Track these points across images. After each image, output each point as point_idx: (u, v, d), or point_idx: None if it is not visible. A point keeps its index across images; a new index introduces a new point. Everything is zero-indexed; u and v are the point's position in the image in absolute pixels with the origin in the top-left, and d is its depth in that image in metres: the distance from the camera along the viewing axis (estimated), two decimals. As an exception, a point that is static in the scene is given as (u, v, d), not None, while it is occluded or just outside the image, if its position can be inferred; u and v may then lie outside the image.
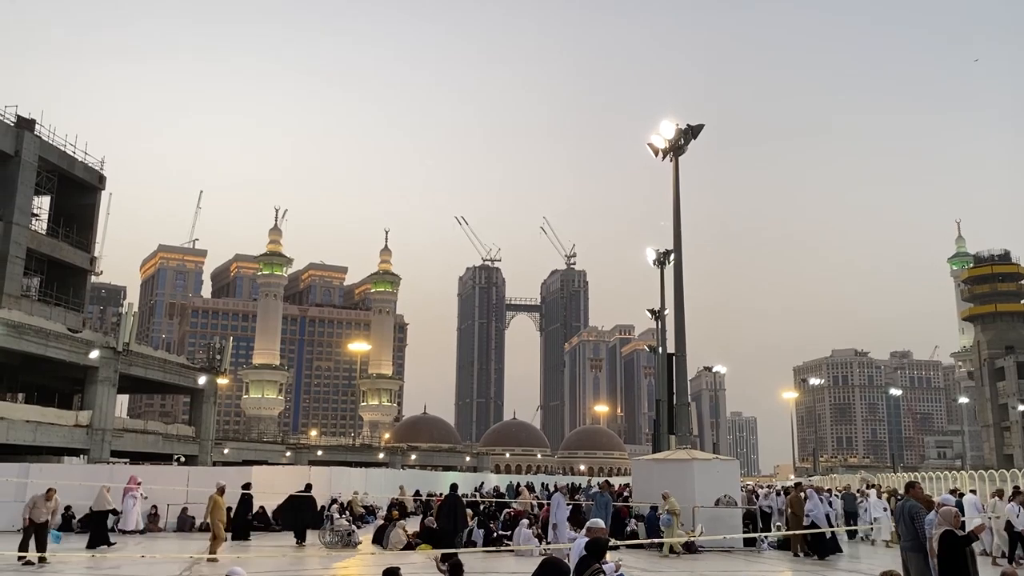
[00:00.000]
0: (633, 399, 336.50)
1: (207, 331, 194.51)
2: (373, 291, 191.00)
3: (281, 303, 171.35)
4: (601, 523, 10.60)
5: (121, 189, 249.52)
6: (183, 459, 55.75)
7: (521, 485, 43.64)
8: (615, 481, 43.26)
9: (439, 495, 34.63)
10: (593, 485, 37.45)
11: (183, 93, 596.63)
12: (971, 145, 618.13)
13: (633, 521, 23.69)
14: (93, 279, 57.31)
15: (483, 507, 29.44)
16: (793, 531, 20.83)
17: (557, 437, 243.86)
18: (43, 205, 51.43)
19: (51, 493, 16.93)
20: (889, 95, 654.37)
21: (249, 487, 23.43)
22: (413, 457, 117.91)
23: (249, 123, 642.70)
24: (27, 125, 47.56)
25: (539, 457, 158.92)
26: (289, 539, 23.38)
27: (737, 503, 23.40)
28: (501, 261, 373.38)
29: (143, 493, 25.01)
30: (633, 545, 20.69)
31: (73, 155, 51.45)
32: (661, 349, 39.64)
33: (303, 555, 21.00)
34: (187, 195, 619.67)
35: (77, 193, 52.45)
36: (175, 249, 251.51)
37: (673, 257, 29.33)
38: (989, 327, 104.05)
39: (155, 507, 25.98)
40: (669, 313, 35.96)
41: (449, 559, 10.26)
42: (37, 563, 16.61)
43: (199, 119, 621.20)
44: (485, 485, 50.09)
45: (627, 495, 28.98)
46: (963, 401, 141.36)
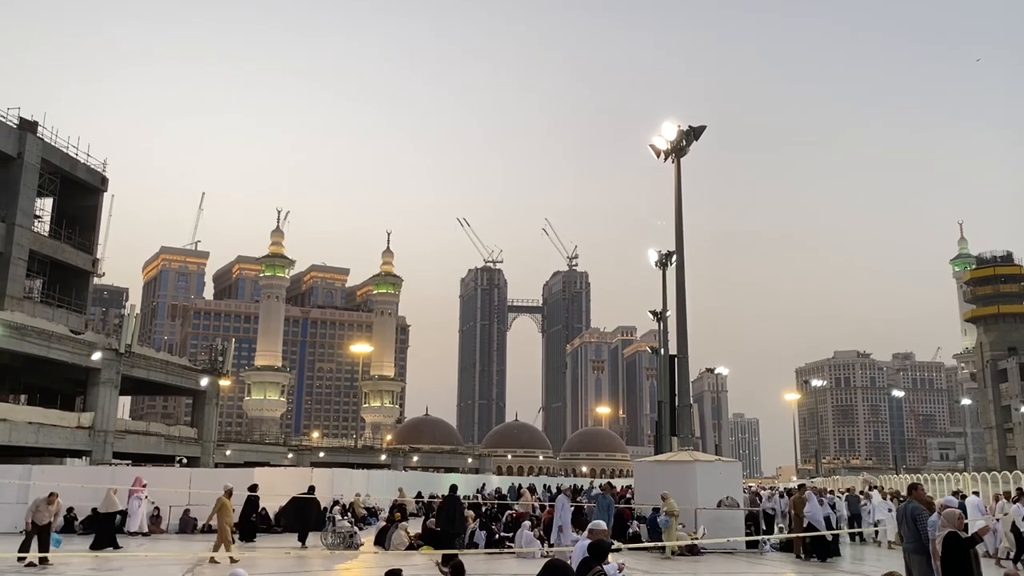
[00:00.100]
0: (635, 401, 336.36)
1: (209, 333, 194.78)
2: (375, 293, 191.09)
3: (283, 305, 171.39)
4: (603, 525, 10.59)
5: (123, 191, 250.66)
6: (185, 461, 55.75)
7: (523, 487, 43.62)
8: (617, 483, 43.25)
9: (441, 497, 34.54)
10: (595, 487, 37.39)
11: (185, 95, 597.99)
12: (973, 146, 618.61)
13: (635, 523, 23.68)
14: (95, 281, 57.36)
15: (485, 509, 29.42)
16: (793, 533, 20.80)
17: (559, 439, 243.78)
18: (45, 207, 51.49)
19: (53, 497, 16.95)
20: (890, 97, 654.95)
21: (256, 488, 23.47)
22: (415, 459, 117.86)
23: (251, 125, 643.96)
24: (30, 127, 47.59)
25: (541, 459, 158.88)
26: (292, 540, 23.40)
27: (739, 505, 23.37)
28: (503, 263, 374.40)
29: (147, 495, 25.05)
30: (635, 547, 20.66)
31: (75, 157, 51.48)
32: (663, 350, 39.60)
33: (305, 557, 21.00)
34: (189, 197, 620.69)
35: (79, 195, 52.50)
36: (177, 251, 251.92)
37: (675, 258, 29.31)
38: (992, 328, 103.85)
39: (157, 508, 26.02)
40: (671, 314, 35.99)
41: (450, 561, 10.26)
42: (39, 565, 16.61)
43: (201, 121, 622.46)
44: (487, 487, 50.03)
45: (629, 497, 28.96)
46: (966, 403, 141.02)
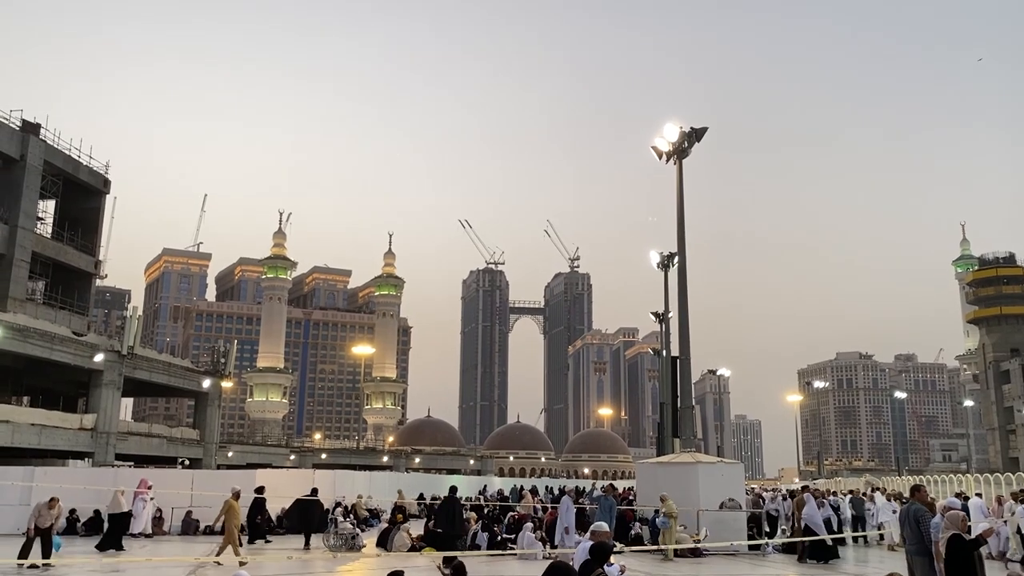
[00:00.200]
0: (637, 402, 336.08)
1: (211, 334, 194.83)
2: (377, 294, 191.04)
3: (285, 306, 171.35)
4: (605, 527, 10.57)
5: (126, 193, 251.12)
6: (187, 462, 55.79)
7: (525, 489, 43.60)
8: (619, 484, 43.20)
9: (441, 498, 34.47)
10: (597, 488, 37.37)
11: (186, 95, 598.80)
12: (975, 147, 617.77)
13: (637, 524, 23.66)
14: (98, 283, 57.47)
15: (487, 510, 29.41)
16: (794, 535, 20.77)
17: (561, 440, 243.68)
18: (48, 209, 51.53)
19: (54, 502, 17.02)
20: (891, 97, 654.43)
21: (262, 491, 23.50)
22: (417, 460, 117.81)
23: (253, 127, 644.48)
24: (32, 129, 47.67)
25: (543, 460, 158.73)
26: (295, 542, 23.45)
27: (741, 506, 23.34)
28: (505, 264, 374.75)
29: (152, 496, 25.17)
30: (637, 549, 20.65)
31: (78, 159, 51.55)
32: (665, 352, 39.61)
33: (308, 558, 21.03)
34: (191, 199, 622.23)
35: (82, 197, 52.57)
36: (179, 252, 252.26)
37: (677, 260, 29.30)
38: (994, 330, 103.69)
39: (160, 510, 26.08)
40: (673, 316, 36.02)
41: (451, 562, 10.25)
42: (41, 567, 16.68)
43: (202, 121, 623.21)
44: (488, 488, 49.94)
45: (631, 498, 28.94)
46: (968, 404, 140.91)
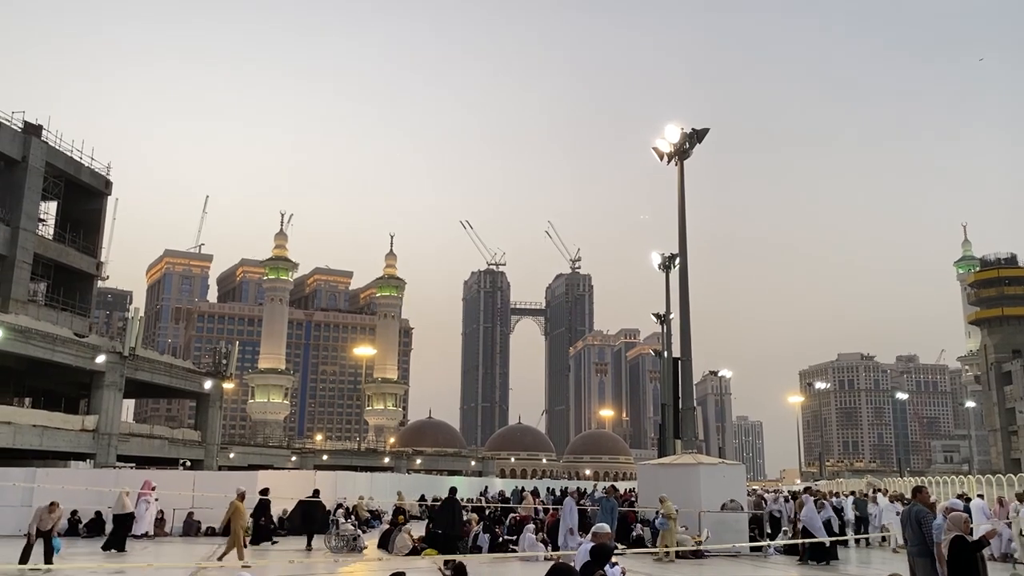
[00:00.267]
0: (638, 403, 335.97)
1: (213, 336, 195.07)
2: (378, 295, 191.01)
3: (287, 308, 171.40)
4: (607, 528, 10.57)
5: (127, 194, 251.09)
6: (189, 463, 55.77)
7: (526, 490, 43.52)
8: (620, 486, 43.17)
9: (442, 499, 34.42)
10: (599, 490, 37.36)
11: (186, 95, 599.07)
12: (977, 148, 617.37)
13: (639, 526, 23.65)
14: (99, 284, 57.48)
15: (489, 512, 29.40)
16: (796, 536, 20.75)
17: (562, 441, 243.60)
18: (50, 210, 51.58)
19: (54, 506, 17.10)
20: (893, 98, 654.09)
21: (267, 492, 23.52)
22: (418, 462, 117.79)
23: (255, 128, 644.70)
24: (34, 131, 47.72)
25: (544, 462, 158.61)
26: (298, 543, 23.50)
27: (743, 508, 23.33)
28: (506, 265, 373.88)
29: (157, 497, 25.28)
30: (638, 552, 20.64)
31: (80, 160, 51.57)
32: (667, 353, 39.65)
33: (310, 560, 21.04)
34: (193, 200, 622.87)
35: (84, 198, 52.62)
36: (181, 254, 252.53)
37: (678, 261, 29.31)
38: (996, 331, 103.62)
39: (161, 511, 26.10)
40: (675, 317, 36.01)
41: (452, 563, 10.24)
42: (43, 571, 16.74)
43: (204, 123, 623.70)
44: (490, 489, 49.90)
45: (633, 500, 28.93)
46: (970, 405, 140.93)
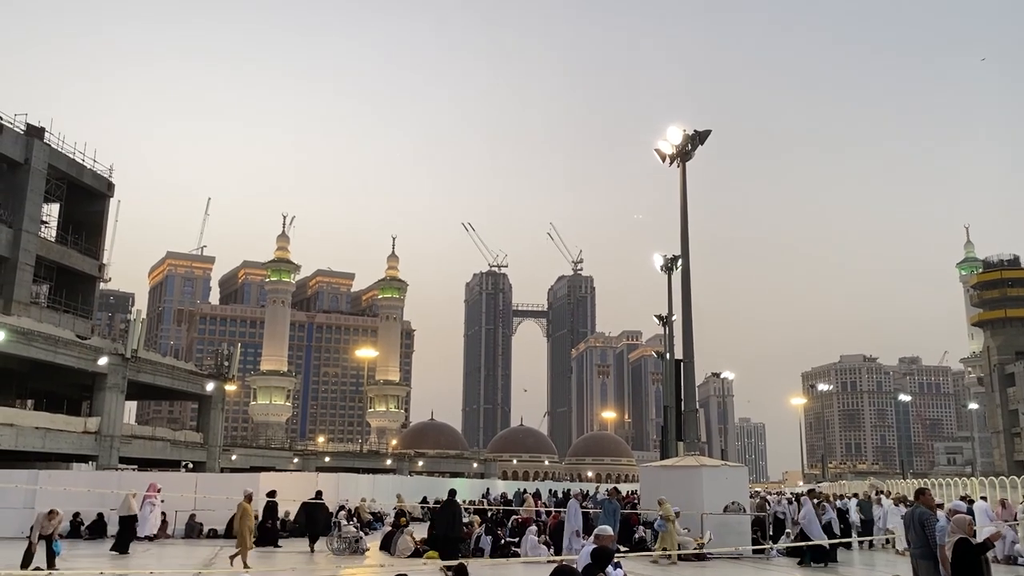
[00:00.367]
0: (641, 405, 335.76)
1: (215, 337, 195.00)
2: (380, 297, 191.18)
3: (289, 309, 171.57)
4: (609, 530, 10.54)
5: (130, 196, 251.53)
6: (191, 465, 55.78)
7: (527, 493, 43.45)
8: (623, 488, 43.16)
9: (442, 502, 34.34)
10: (601, 492, 37.30)
11: (190, 98, 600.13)
12: (979, 148, 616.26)
13: (641, 528, 23.60)
14: (102, 286, 57.60)
15: (491, 514, 29.36)
16: (797, 538, 20.72)
17: (564, 443, 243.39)
18: (52, 212, 51.63)
19: (53, 514, 17.13)
20: (895, 99, 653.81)
21: (274, 494, 23.52)
22: (420, 463, 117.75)
23: (256, 130, 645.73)
24: (36, 133, 47.79)
25: (546, 464, 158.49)
26: (301, 545, 23.51)
27: (745, 510, 23.29)
28: (508, 267, 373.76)
29: (163, 499, 25.37)
30: (640, 555, 20.60)
31: (82, 163, 51.63)
32: (669, 355, 39.60)
33: (312, 562, 21.02)
34: (194, 200, 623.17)
35: (86, 200, 52.67)
36: (183, 256, 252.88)
37: (681, 263, 29.27)
38: (999, 332, 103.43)
39: (164, 513, 26.10)
40: (677, 319, 35.93)
41: (454, 566, 10.22)
42: (46, 575, 16.79)
43: (206, 124, 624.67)
44: (492, 491, 49.91)
45: (635, 502, 28.88)
46: (973, 407, 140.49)
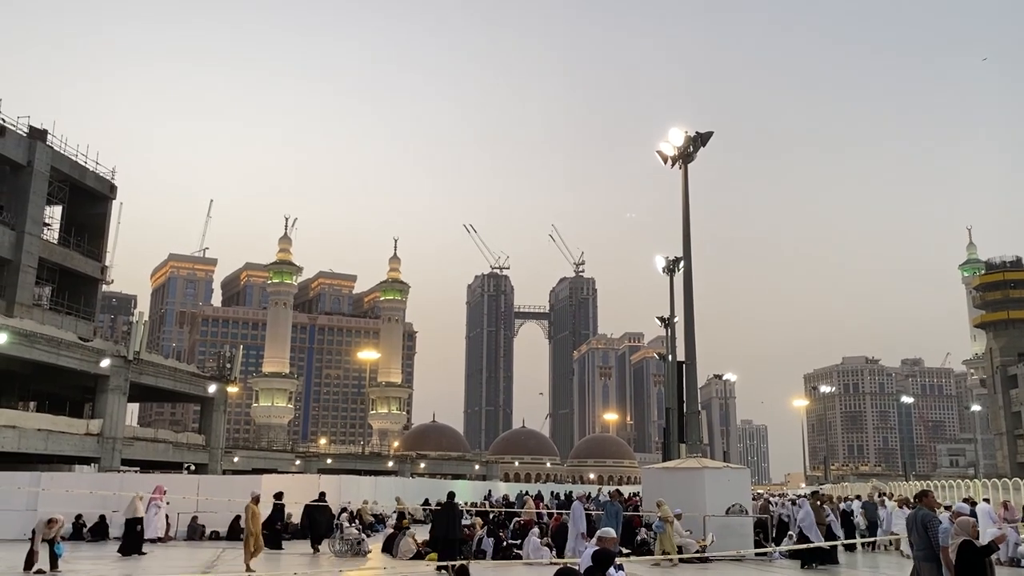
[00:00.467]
0: (643, 407, 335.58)
1: (217, 339, 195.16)
2: (382, 299, 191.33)
3: (291, 311, 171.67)
4: (612, 532, 10.55)
5: (132, 198, 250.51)
6: (193, 468, 55.81)
7: (528, 494, 43.40)
8: (625, 490, 43.12)
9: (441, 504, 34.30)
10: (603, 494, 37.26)
11: (190, 98, 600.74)
12: (981, 149, 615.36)
13: (644, 530, 23.56)
14: (104, 288, 57.56)
15: (493, 516, 29.34)
16: (796, 541, 20.69)
17: (566, 445, 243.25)
18: (55, 215, 51.70)
19: (53, 523, 17.20)
20: (897, 100, 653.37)
21: (281, 496, 23.56)
22: (422, 465, 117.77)
23: (258, 132, 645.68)
24: (39, 135, 47.87)
25: (548, 466, 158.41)
26: (304, 547, 23.51)
27: (748, 512, 23.25)
28: (509, 269, 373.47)
29: (168, 502, 25.44)
30: (640, 558, 20.58)
31: (84, 165, 51.71)
32: (671, 357, 39.59)
33: (314, 564, 21.01)
34: (195, 201, 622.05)
35: (88, 202, 52.73)
36: (185, 258, 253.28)
37: (683, 264, 29.26)
38: (1001, 334, 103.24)
39: (166, 515, 26.10)
40: (679, 320, 35.91)
41: (454, 568, 10.22)
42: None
43: (208, 126, 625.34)
44: (494, 493, 49.91)
45: (638, 504, 28.85)
46: (975, 409, 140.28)
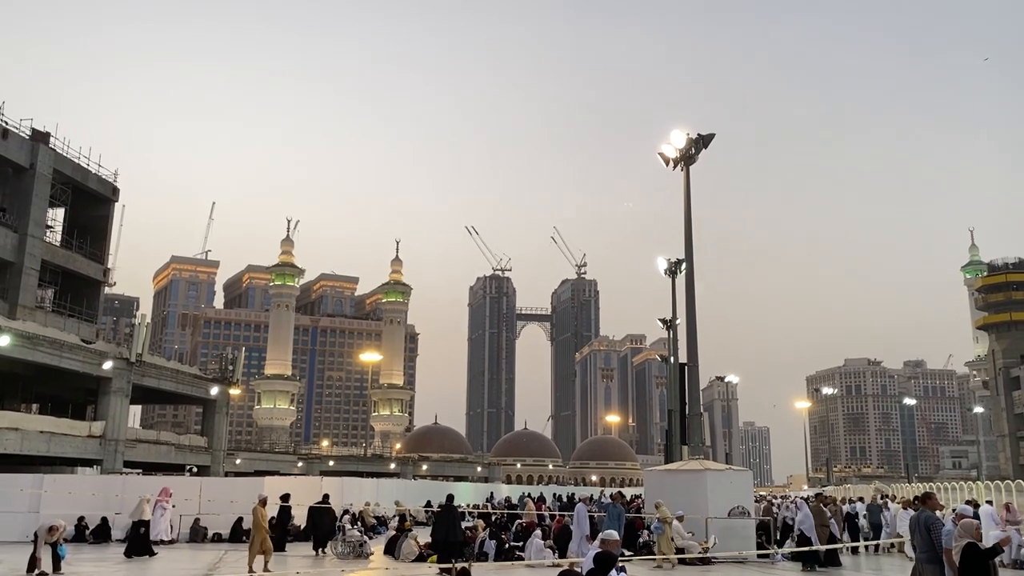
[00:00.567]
0: (645, 409, 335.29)
1: (219, 342, 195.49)
2: (384, 301, 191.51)
3: (293, 313, 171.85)
4: (615, 535, 10.49)
5: (134, 200, 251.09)
6: (195, 469, 55.86)
7: (529, 495, 43.37)
8: (627, 492, 42.96)
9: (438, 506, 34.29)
10: (605, 496, 37.25)
11: (191, 99, 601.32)
12: (983, 150, 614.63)
13: (646, 532, 23.54)
14: (106, 290, 57.65)
15: (495, 518, 29.33)
16: (797, 543, 20.70)
17: (568, 447, 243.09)
18: (57, 217, 51.82)
19: (54, 530, 17.23)
20: (898, 101, 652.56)
21: (288, 498, 23.59)
22: (424, 467, 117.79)
23: (261, 134, 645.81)
24: (42, 138, 47.98)
25: (550, 468, 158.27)
26: (305, 549, 23.53)
27: (750, 514, 23.22)
28: (511, 271, 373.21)
29: (174, 504, 25.50)
30: (637, 559, 20.55)
31: (87, 167, 51.83)
32: (673, 359, 39.51)
33: (317, 565, 21.01)
34: (196, 202, 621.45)
35: (91, 205, 52.84)
36: (188, 260, 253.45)
37: (685, 266, 29.25)
38: (1004, 336, 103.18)
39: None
40: (681, 322, 35.88)
41: (455, 570, 10.21)
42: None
43: (208, 127, 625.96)
44: (496, 495, 49.87)
45: (640, 506, 28.81)
46: (978, 411, 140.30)
